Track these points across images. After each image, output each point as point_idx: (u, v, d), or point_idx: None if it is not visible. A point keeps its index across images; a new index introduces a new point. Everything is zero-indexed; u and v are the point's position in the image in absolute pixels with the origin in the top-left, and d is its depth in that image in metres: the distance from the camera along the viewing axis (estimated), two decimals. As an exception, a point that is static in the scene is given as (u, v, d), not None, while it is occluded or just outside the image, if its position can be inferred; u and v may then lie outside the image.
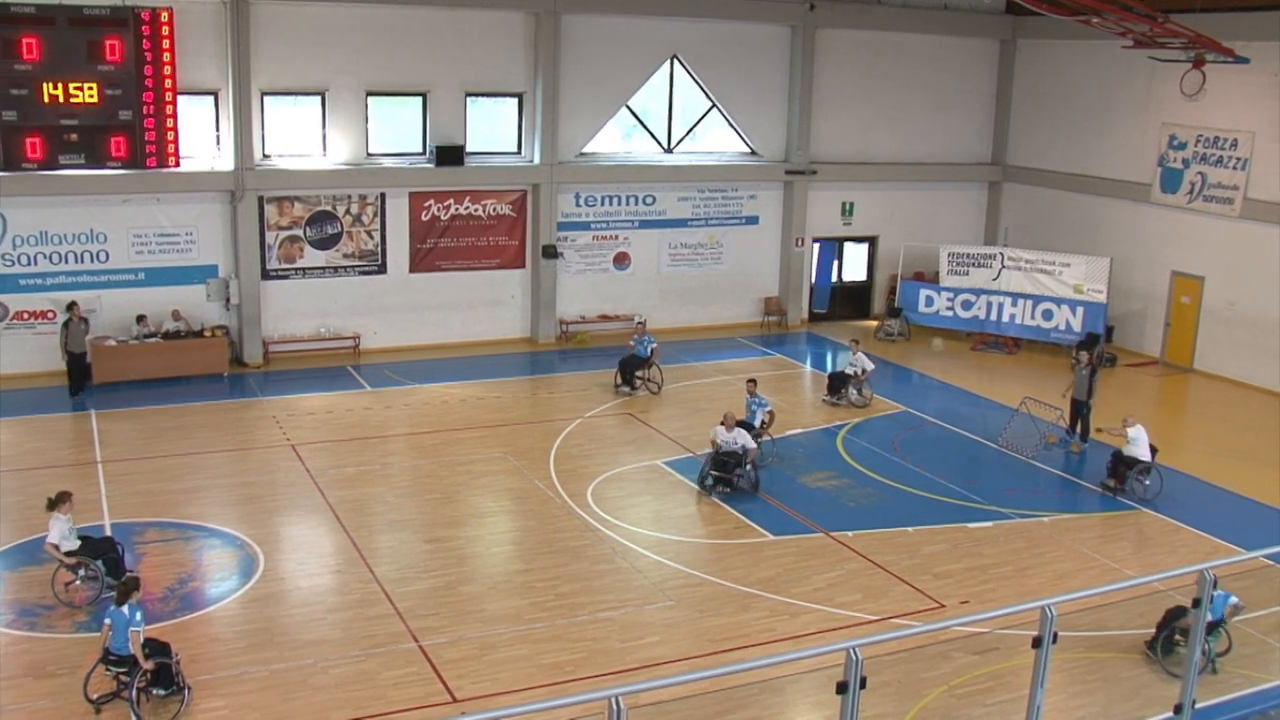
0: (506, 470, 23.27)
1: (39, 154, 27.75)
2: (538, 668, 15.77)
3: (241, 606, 17.57)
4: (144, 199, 29.73)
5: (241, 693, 15.06)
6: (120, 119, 28.22)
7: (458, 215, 32.75)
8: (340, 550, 19.50)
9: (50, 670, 15.58)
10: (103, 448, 24.46)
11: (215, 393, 28.62)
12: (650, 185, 34.72)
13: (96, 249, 29.71)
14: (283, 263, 31.39)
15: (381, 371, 30.39)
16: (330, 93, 30.93)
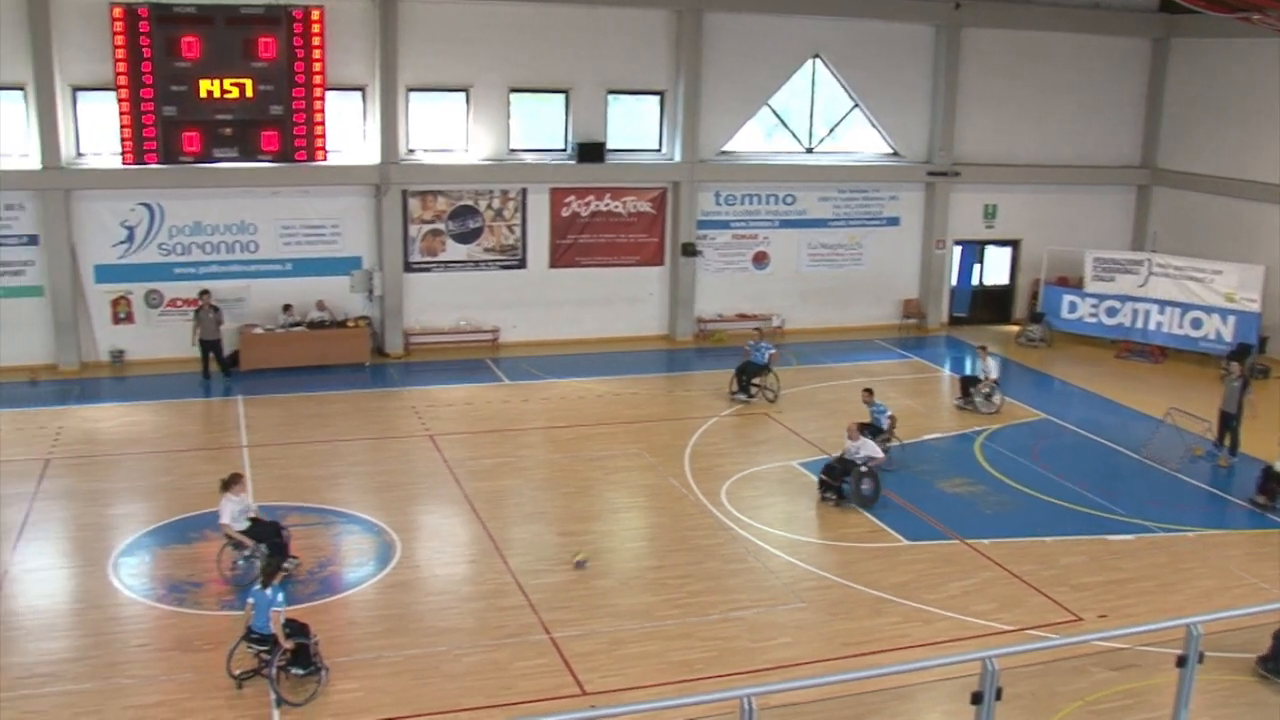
0: (641, 466, 23.38)
1: (195, 148, 28.64)
2: (668, 664, 15.81)
3: (378, 592, 17.92)
4: (292, 191, 30.50)
5: (375, 676, 15.37)
6: (272, 114, 28.97)
7: (598, 212, 32.98)
8: (475, 540, 19.77)
9: (196, 645, 16.07)
10: (248, 432, 25.16)
11: (357, 382, 29.23)
12: (791, 185, 34.58)
13: (246, 239, 30.55)
14: (425, 256, 31.93)
15: (520, 365, 30.75)
16: (474, 89, 31.38)
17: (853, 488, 21.31)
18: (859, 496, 21.28)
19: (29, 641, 16.20)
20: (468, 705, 14.68)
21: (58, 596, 17.82)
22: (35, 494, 21.45)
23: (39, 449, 23.85)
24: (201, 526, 19.96)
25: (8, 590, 17.71)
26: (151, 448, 24.32)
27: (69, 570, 18.65)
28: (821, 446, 24.40)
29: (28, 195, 28.99)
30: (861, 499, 21.26)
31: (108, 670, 15.32)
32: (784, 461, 23.80)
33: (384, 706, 14.62)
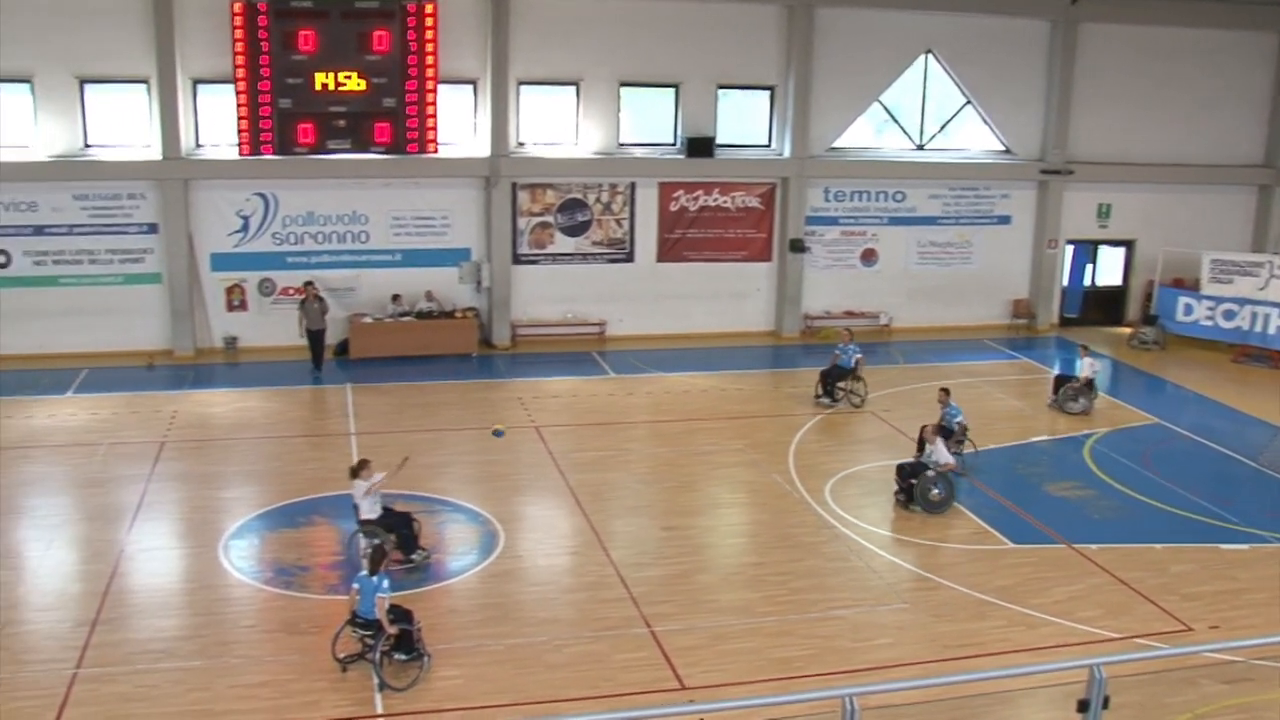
0: (745, 462, 23.32)
1: (310, 139, 29.13)
2: (767, 661, 15.74)
3: (481, 581, 18.06)
4: (403, 183, 30.89)
5: (476, 664, 15.48)
6: (384, 106, 29.36)
7: (706, 207, 32.96)
8: (578, 532, 19.85)
9: (302, 628, 16.33)
10: (356, 420, 25.53)
11: (464, 372, 29.53)
12: (900, 182, 34.26)
13: (358, 230, 31.02)
14: (533, 248, 32.14)
15: (625, 359, 30.84)
16: (584, 83, 31.52)
17: (920, 491, 20.93)
18: (925, 500, 20.88)
19: (143, 618, 16.59)
20: (567, 696, 14.73)
21: (170, 576, 18.23)
22: (151, 476, 21.97)
23: (155, 432, 24.43)
24: (309, 511, 20.32)
25: (123, 568, 18.15)
26: (262, 433, 24.77)
27: (181, 551, 19.07)
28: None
29: (149, 185, 29.76)
30: (928, 503, 20.85)
31: (217, 649, 15.63)
32: (888, 460, 23.48)
33: (484, 695, 14.73)
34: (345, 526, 19.70)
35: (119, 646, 15.71)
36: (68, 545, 19.17)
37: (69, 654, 15.52)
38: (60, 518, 20.27)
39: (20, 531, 19.78)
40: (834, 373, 27.19)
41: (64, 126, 29.34)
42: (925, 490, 20.79)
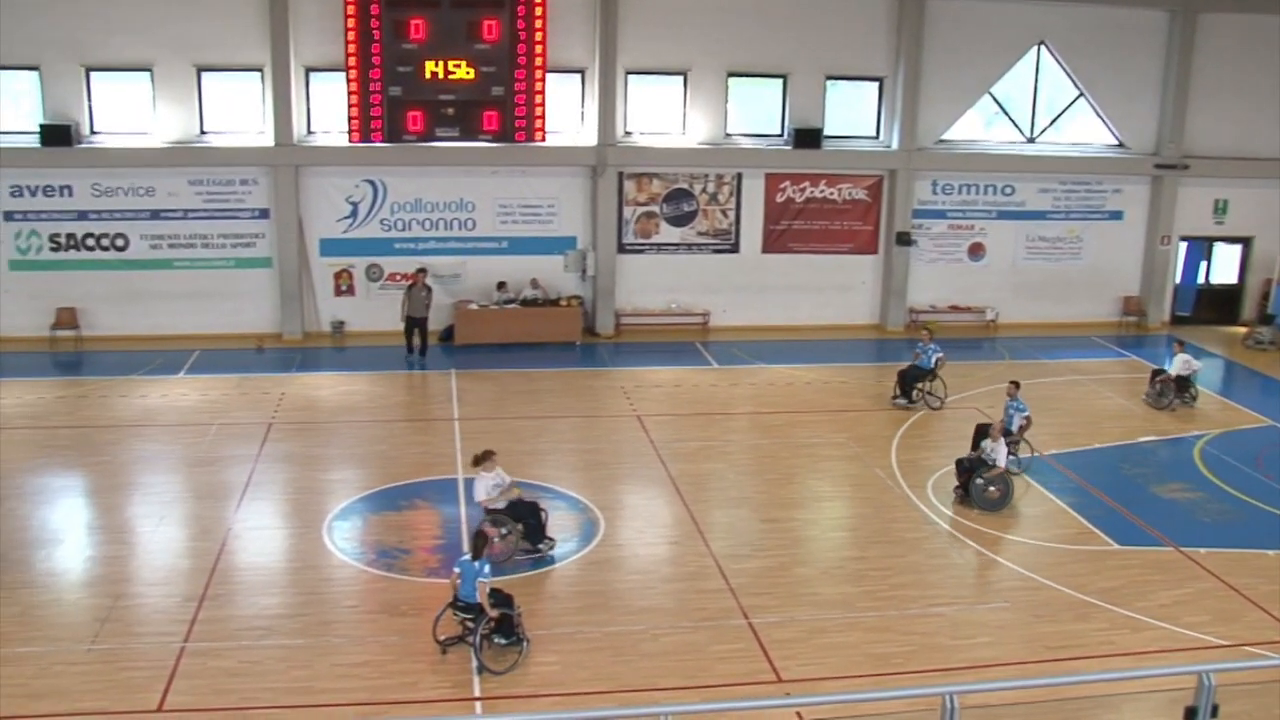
0: (847, 456, 23.14)
1: (419, 127, 29.42)
2: (865, 657, 15.61)
3: (580, 568, 18.13)
4: (510, 171, 31.10)
5: (574, 651, 15.54)
6: (493, 95, 29.55)
7: (812, 198, 32.75)
8: (678, 522, 19.84)
9: (403, 609, 16.51)
10: (460, 405, 25.75)
11: (567, 360, 29.66)
12: (1010, 175, 33.72)
13: (465, 217, 31.28)
14: (638, 238, 32.19)
15: (729, 349, 30.77)
16: (692, 73, 31.46)
17: (977, 488, 20.57)
18: (982, 498, 20.53)
19: (248, 596, 16.89)
20: (664, 685, 14.74)
21: (275, 555, 18.54)
22: (258, 456, 22.36)
23: (262, 413, 24.85)
24: (412, 495, 20.53)
25: (231, 546, 18.50)
26: (367, 416, 25.09)
27: (286, 530, 19.37)
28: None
29: (261, 171, 30.28)
30: (985, 501, 20.50)
31: (319, 628, 15.86)
32: (993, 457, 23.20)
33: (581, 681, 14.78)
34: (447, 511, 19.94)
35: (225, 622, 16.01)
36: (178, 522, 19.58)
37: (177, 628, 15.85)
38: (171, 495, 20.72)
39: (133, 508, 20.26)
40: (912, 373, 26.53)
41: (181, 113, 29.97)
42: (982, 487, 20.52)
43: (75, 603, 16.87)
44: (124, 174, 30.02)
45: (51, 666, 14.99)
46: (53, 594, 17.12)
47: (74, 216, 30.22)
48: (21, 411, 25.15)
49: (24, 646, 15.45)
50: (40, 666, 14.98)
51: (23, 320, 30.36)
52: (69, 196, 30.08)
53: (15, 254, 30.28)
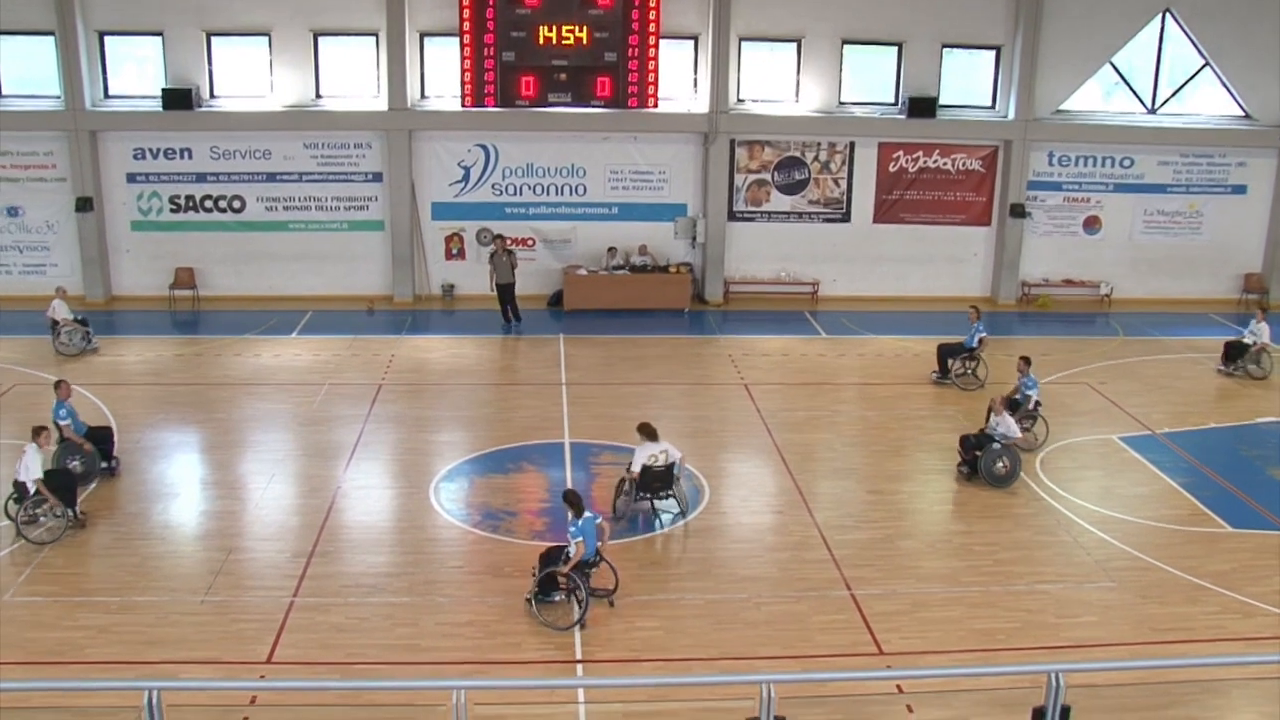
0: (956, 429, 22.76)
1: (531, 92, 29.47)
2: (968, 632, 15.40)
3: (684, 535, 18.11)
4: (622, 137, 31.04)
5: (677, 617, 15.54)
6: (606, 60, 29.47)
7: (925, 168, 32.28)
8: (783, 492, 19.73)
9: (507, 571, 16.63)
10: (568, 370, 25.84)
11: (675, 327, 29.60)
12: (1129, 147, 32.86)
13: (575, 183, 31.32)
14: (749, 205, 31.99)
15: (838, 319, 30.49)
16: (806, 40, 31.10)
17: (985, 464, 20.13)
18: (990, 474, 20.09)
19: (356, 553, 17.14)
20: (764, 653, 14.69)
21: (383, 514, 18.77)
22: (367, 417, 22.64)
23: (373, 375, 25.16)
24: (519, 458, 20.66)
25: (340, 504, 18.77)
26: (475, 379, 25.29)
27: (394, 490, 19.60)
28: (1144, 422, 23.26)
29: (375, 135, 30.58)
30: (992, 477, 20.07)
31: (424, 587, 16.02)
32: (1104, 435, 22.75)
33: (683, 647, 14.78)
34: (553, 475, 20.04)
35: (333, 579, 16.25)
36: (288, 479, 19.91)
37: (287, 583, 16.13)
38: (283, 453, 21.08)
39: (246, 464, 20.66)
40: (954, 350, 25.81)
41: (298, 78, 30.36)
42: (990, 463, 20.10)
43: (190, 555, 17.26)
44: (242, 137, 30.52)
45: (168, 616, 15.36)
46: (169, 546, 17.55)
47: (193, 179, 30.83)
48: (141, 368, 25.74)
49: (141, 596, 15.86)
50: (158, 615, 15.37)
51: (144, 280, 31.17)
52: (189, 159, 30.68)
53: (137, 215, 31.00)
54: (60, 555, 17.06)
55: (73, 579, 16.40)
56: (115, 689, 9.60)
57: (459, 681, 8.81)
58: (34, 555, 16.95)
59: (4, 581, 16.24)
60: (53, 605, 15.64)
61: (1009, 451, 20.17)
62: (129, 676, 13.28)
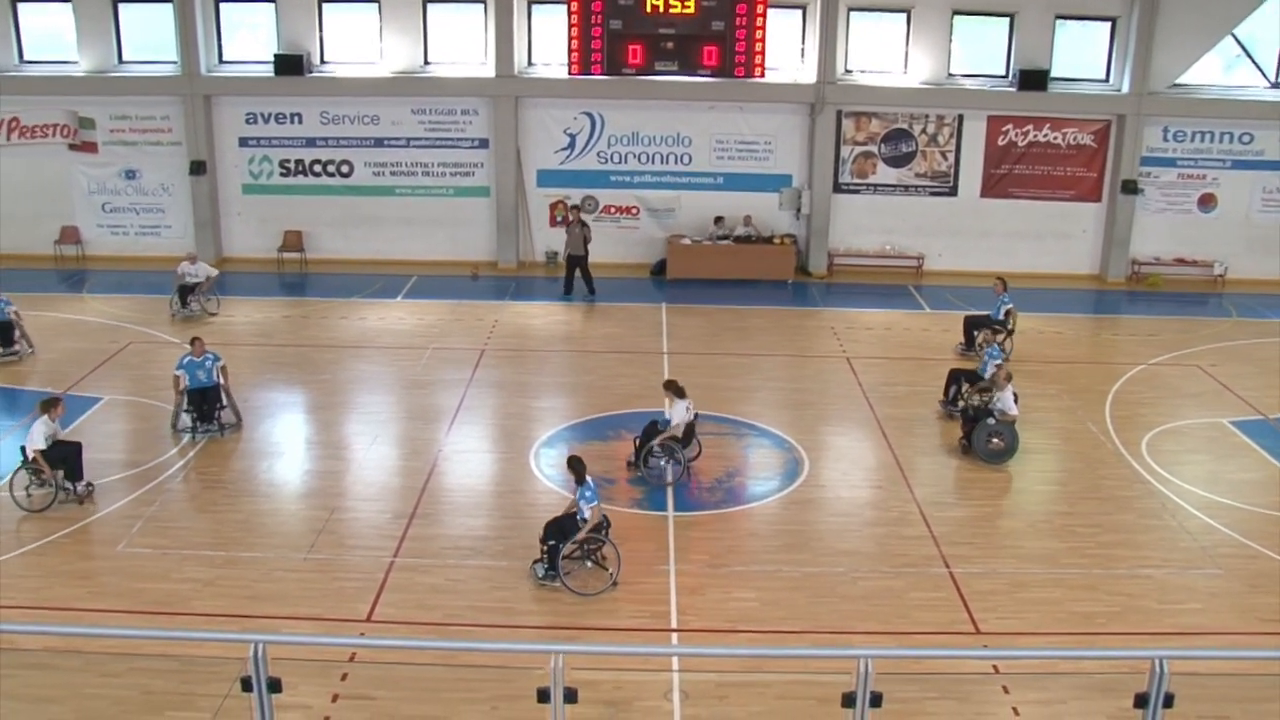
0: (1059, 409, 22.49)
1: (638, 60, 29.41)
2: (1068, 614, 15.19)
3: (782, 507, 18.08)
4: (728, 107, 30.91)
5: (772, 589, 15.54)
6: (713, 29, 29.31)
7: (1035, 142, 31.73)
8: (883, 466, 19.61)
9: (606, 539, 16.75)
10: (670, 339, 25.87)
11: (778, 298, 29.49)
12: (1249, 123, 31.93)
13: (680, 152, 31.27)
14: (855, 178, 31.72)
15: (942, 294, 30.16)
16: (916, 10, 30.68)
17: (977, 439, 19.78)
18: (985, 449, 19.75)
19: (456, 516, 17.35)
20: (860, 628, 14.64)
21: (483, 478, 18.97)
22: (470, 381, 22.87)
23: (476, 340, 25.40)
24: (618, 425, 20.73)
25: (440, 467, 19.00)
26: (577, 346, 25.42)
27: (495, 455, 19.79)
28: (1257, 406, 22.73)
29: (482, 101, 30.78)
30: (988, 452, 19.73)
31: (523, 551, 16.15)
32: (1213, 418, 22.27)
33: (778, 619, 14.78)
34: (652, 443, 20.05)
35: (432, 540, 16.47)
36: (391, 442, 20.19)
37: (387, 543, 16.38)
38: (386, 415, 21.39)
39: (350, 425, 20.99)
40: (975, 320, 25.56)
41: (407, 44, 30.63)
42: (983, 439, 19.76)
43: (294, 513, 17.60)
44: (351, 103, 30.90)
45: (272, 572, 15.68)
46: (274, 503, 17.91)
47: (303, 143, 31.30)
48: (249, 329, 26.22)
49: (247, 551, 16.21)
50: (262, 571, 15.70)
51: (253, 242, 31.76)
52: (299, 124, 31.15)
53: (248, 178, 31.56)
54: (170, 509, 17.49)
55: (181, 533, 16.81)
56: (222, 640, 9.83)
57: (558, 645, 8.88)
58: (145, 509, 17.39)
59: (117, 533, 16.71)
60: (162, 558, 16.06)
61: (1007, 427, 19.83)
62: (232, 629, 13.61)
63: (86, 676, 13.18)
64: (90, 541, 16.63)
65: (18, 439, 18.69)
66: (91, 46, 30.99)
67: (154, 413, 20.99)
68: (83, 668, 13.18)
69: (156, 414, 20.84)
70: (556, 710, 8.65)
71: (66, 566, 15.94)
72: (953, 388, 22.03)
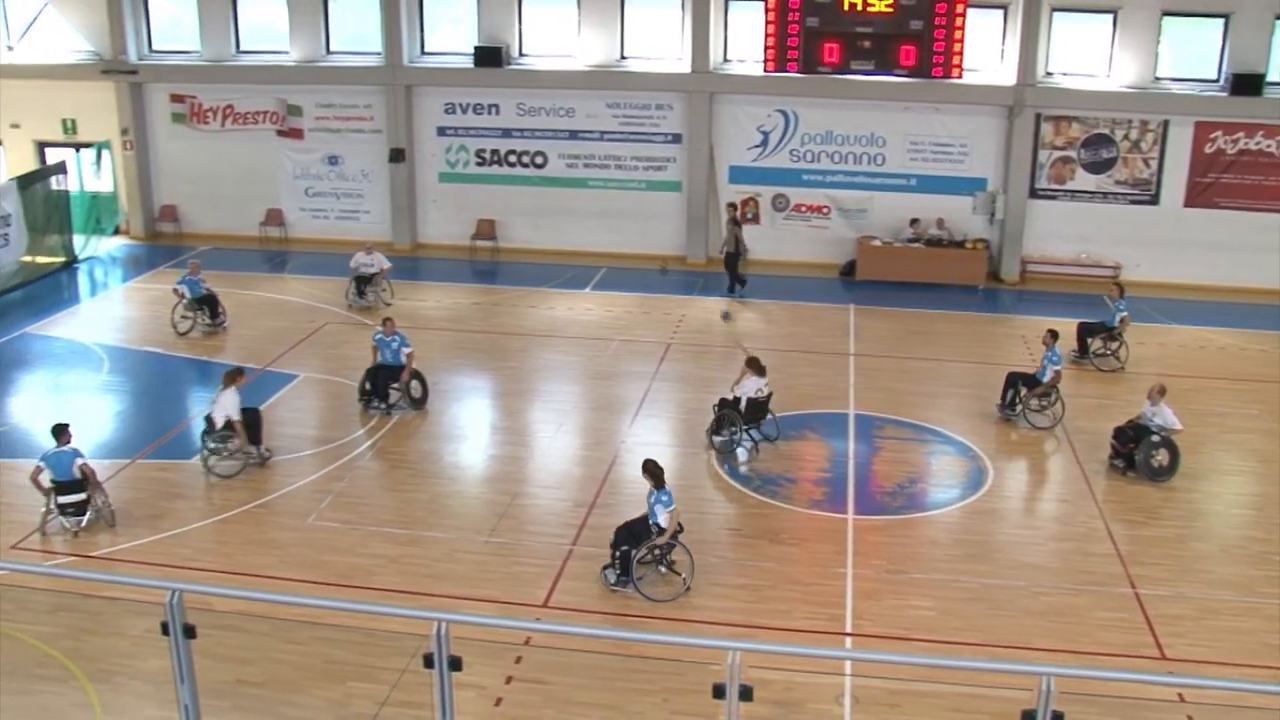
0: (1260, 430, 21.66)
1: (834, 59, 29.18)
2: (1262, 646, 14.61)
3: (964, 516, 17.82)
4: (923, 108, 30.47)
5: (949, 598, 15.34)
6: (911, 28, 28.89)
7: (1246, 150, 30.50)
8: (1069, 481, 19.16)
9: (782, 537, 16.73)
10: (856, 341, 25.67)
11: (967, 304, 28.99)
12: None
13: (874, 152, 30.95)
14: (1052, 183, 30.97)
15: (1139, 306, 29.04)
16: (1123, 11, 29.78)
17: (1141, 457, 18.91)
18: (1148, 469, 18.90)
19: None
20: (1040, 645, 14.35)
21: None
22: (655, 374, 23.06)
23: (662, 333, 25.58)
24: (802, 426, 20.68)
25: (622, 459, 19.20)
26: (762, 344, 25.25)
27: (676, 449, 19.90)
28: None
29: (676, 96, 30.92)
30: (1150, 471, 18.88)
31: (698, 546, 16.20)
32: None
33: (954, 630, 14.60)
34: (836, 445, 20.04)
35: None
36: (574, 431, 20.50)
37: (567, 531, 16.64)
38: (570, 404, 21.71)
39: (535, 413, 21.38)
40: (1092, 328, 24.86)
41: (604, 38, 30.95)
42: (1147, 456, 18.97)
43: (476, 496, 18.03)
44: (547, 95, 31.37)
45: (453, 553, 16.09)
46: (458, 486, 18.38)
47: (499, 134, 31.90)
48: (441, 314, 26.85)
49: (430, 531, 16.66)
50: (443, 551, 16.12)
51: (447, 229, 32.51)
52: (495, 115, 31.76)
53: (445, 167, 32.30)
54: (358, 486, 18.06)
55: (367, 509, 17.36)
56: (406, 617, 10.11)
57: (737, 643, 8.88)
58: (334, 484, 17.99)
59: (307, 506, 17.34)
60: (349, 532, 16.61)
61: (1168, 443, 19.12)
62: (412, 606, 13.96)
63: (274, 641, 13.74)
64: (281, 513, 17.30)
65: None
66: (302, 38, 32.15)
67: (346, 391, 21.71)
68: (270, 632, 13.75)
69: (348, 392, 21.55)
70: (731, 707, 8.67)
71: (259, 535, 16.63)
72: (1009, 392, 21.62)
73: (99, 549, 16.20)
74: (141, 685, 13.05)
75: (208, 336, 24.98)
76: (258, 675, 13.31)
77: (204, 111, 32.98)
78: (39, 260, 29.72)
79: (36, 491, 16.51)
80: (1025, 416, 21.32)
